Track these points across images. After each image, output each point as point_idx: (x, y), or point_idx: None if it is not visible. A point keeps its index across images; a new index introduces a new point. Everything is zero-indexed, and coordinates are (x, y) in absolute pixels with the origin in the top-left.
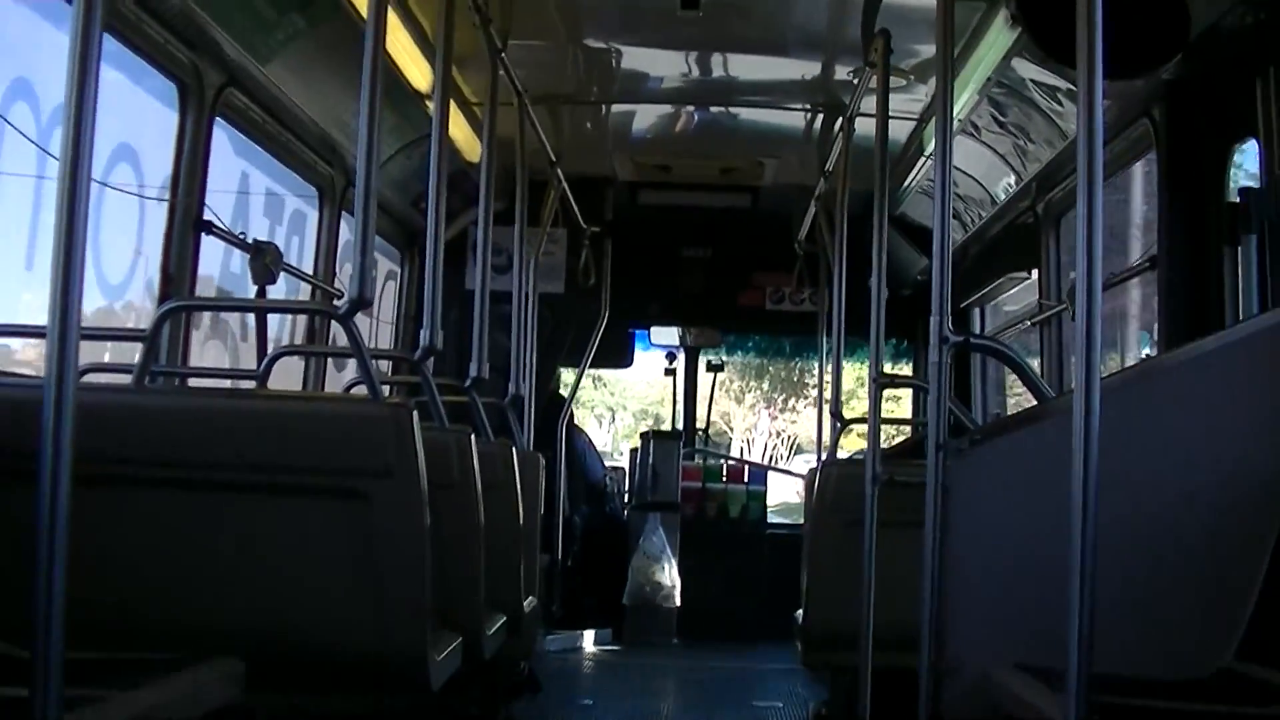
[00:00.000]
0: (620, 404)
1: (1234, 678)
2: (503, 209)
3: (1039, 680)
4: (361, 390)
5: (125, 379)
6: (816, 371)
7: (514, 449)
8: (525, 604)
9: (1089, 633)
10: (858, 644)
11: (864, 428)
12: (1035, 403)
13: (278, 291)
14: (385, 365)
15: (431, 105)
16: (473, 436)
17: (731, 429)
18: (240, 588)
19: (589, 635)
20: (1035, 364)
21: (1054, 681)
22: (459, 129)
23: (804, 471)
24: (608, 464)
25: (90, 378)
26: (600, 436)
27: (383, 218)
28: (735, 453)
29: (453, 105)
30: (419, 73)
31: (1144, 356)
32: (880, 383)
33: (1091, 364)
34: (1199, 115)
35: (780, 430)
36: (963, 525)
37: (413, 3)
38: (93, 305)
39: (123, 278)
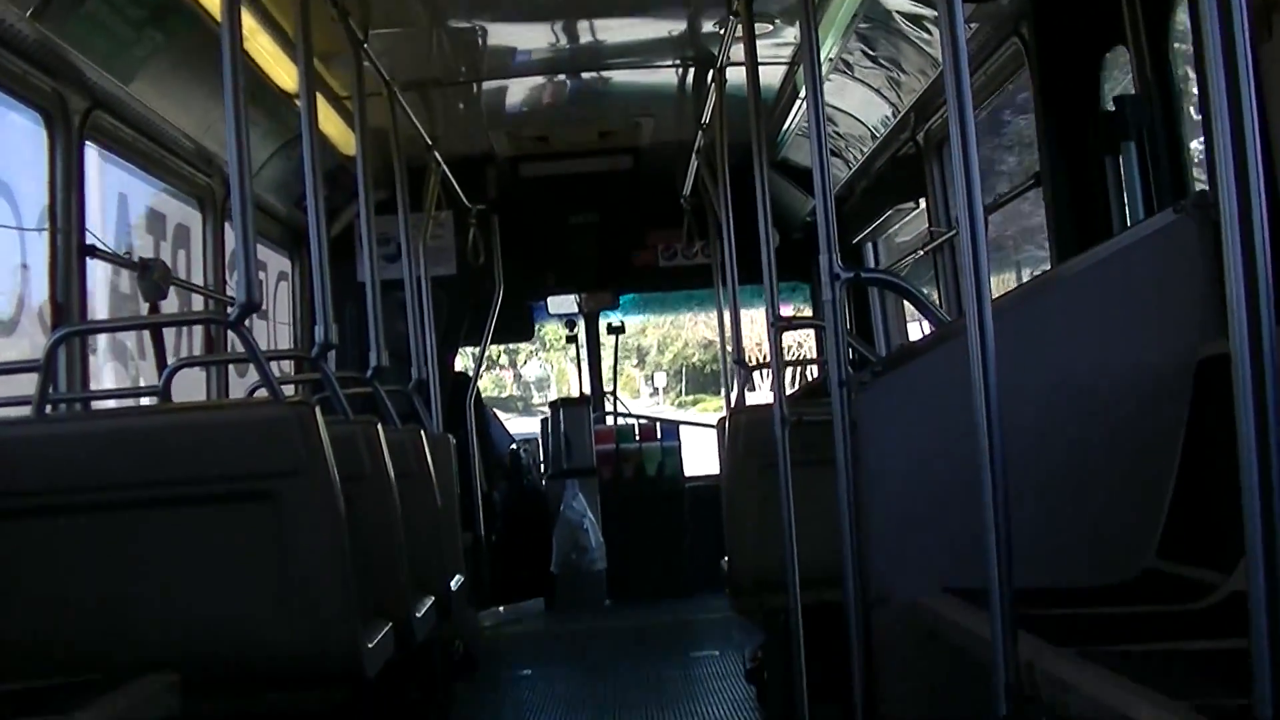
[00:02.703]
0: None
1: (1157, 577)
2: (386, 198)
3: (966, 601)
4: (264, 394)
5: (26, 411)
6: (716, 322)
7: (423, 433)
8: (453, 584)
9: (1008, 548)
10: (785, 585)
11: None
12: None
13: (171, 307)
14: (290, 367)
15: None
16: (379, 425)
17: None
18: (166, 602)
19: (521, 608)
20: (933, 294)
21: (981, 600)
22: (332, 125)
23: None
24: (527, 435)
25: None
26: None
27: (267, 220)
28: None
29: (323, 102)
30: (285, 74)
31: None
32: (778, 326)
33: (981, 284)
34: (1068, 29)
35: None
36: (875, 457)
37: (269, 4)
38: None
39: (12, 312)
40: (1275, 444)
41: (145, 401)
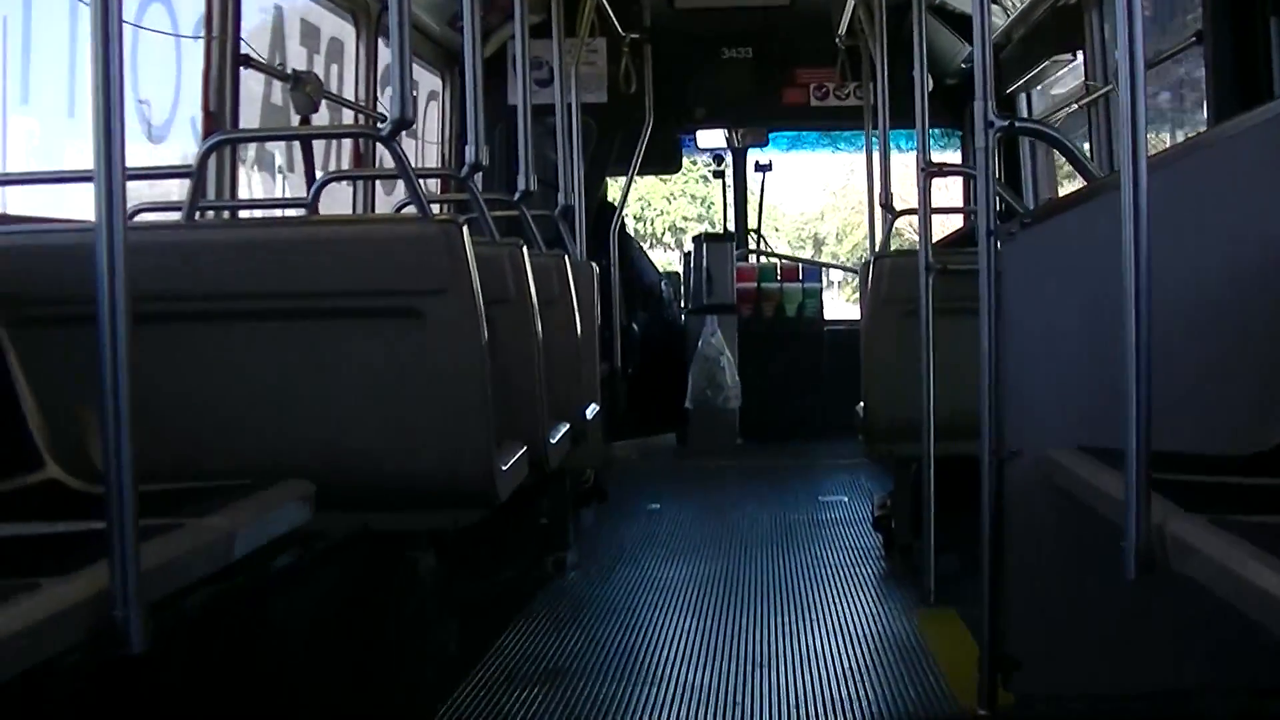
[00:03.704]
0: (771, 225)
1: None
2: (540, 22)
3: (1100, 460)
4: (411, 211)
5: (176, 217)
6: (865, 165)
7: (567, 259)
8: (588, 413)
9: (1148, 410)
10: (919, 434)
11: (916, 219)
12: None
13: (321, 123)
14: (435, 186)
15: None
16: (525, 249)
17: None
18: (304, 413)
19: (653, 442)
20: (1085, 148)
21: (1115, 461)
22: None
23: (857, 266)
24: (669, 269)
25: (141, 218)
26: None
27: (420, 39)
28: None
29: None
30: None
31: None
32: (928, 172)
33: (1138, 139)
34: None
35: None
36: (1018, 310)
37: None
38: (139, 151)
39: (165, 119)
40: None
41: (293, 213)
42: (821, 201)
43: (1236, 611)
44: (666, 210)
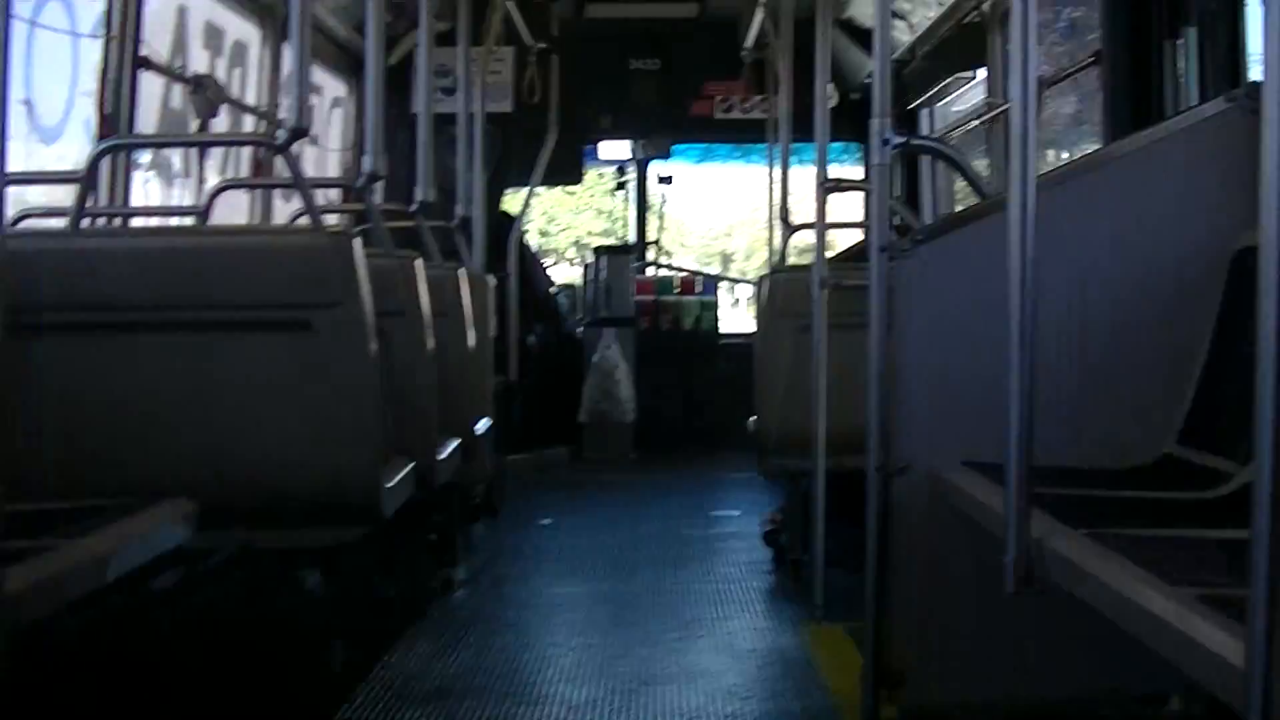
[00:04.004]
0: (678, 241)
1: (1175, 464)
2: (447, 29)
3: (985, 476)
4: (306, 221)
5: (64, 224)
6: (766, 178)
7: (462, 272)
8: (479, 427)
9: (1029, 426)
10: (811, 448)
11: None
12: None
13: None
14: (338, 197)
15: None
16: (419, 261)
17: None
18: (190, 427)
19: (547, 455)
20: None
21: (1000, 477)
22: None
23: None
24: (566, 281)
25: (26, 224)
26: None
27: (327, 44)
28: None
29: None
30: None
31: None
32: (826, 187)
33: (1027, 158)
34: None
35: None
36: (909, 326)
37: None
38: (28, 154)
39: (56, 120)
40: None
41: (185, 222)
42: (731, 217)
43: (1115, 623)
44: (572, 224)
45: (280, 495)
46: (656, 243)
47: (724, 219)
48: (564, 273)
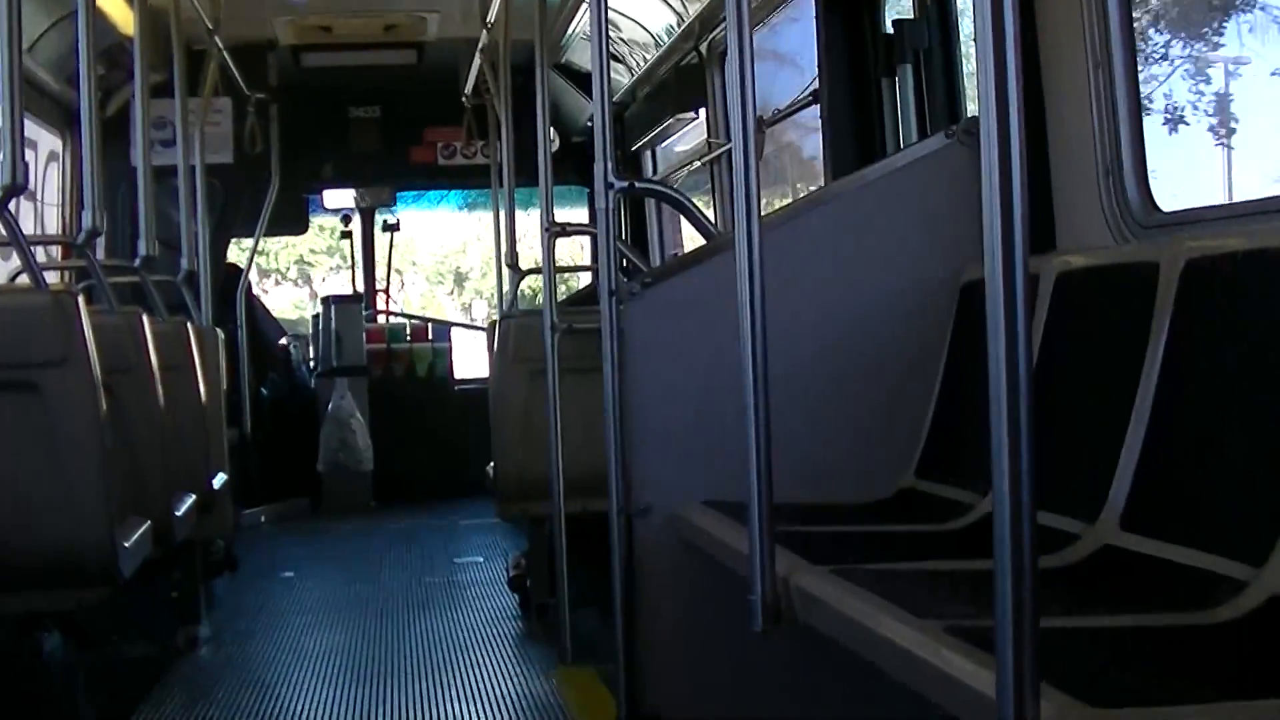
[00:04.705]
0: (409, 259)
1: (915, 496)
2: (164, 81)
3: (726, 515)
4: (26, 280)
5: None
6: (492, 224)
7: (190, 326)
8: (215, 482)
9: (768, 464)
10: (550, 493)
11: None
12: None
13: None
14: (57, 253)
15: None
16: (145, 317)
17: None
18: None
19: (285, 507)
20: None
21: (741, 515)
22: (111, 2)
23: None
24: (304, 331)
25: None
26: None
27: (39, 97)
28: None
29: None
30: None
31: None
32: (552, 232)
33: (750, 197)
34: None
35: None
36: (643, 368)
37: None
38: None
39: None
40: (1024, 371)
41: None
42: (465, 232)
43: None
44: (291, 242)
45: (14, 559)
46: (386, 290)
47: (457, 236)
48: (286, 295)
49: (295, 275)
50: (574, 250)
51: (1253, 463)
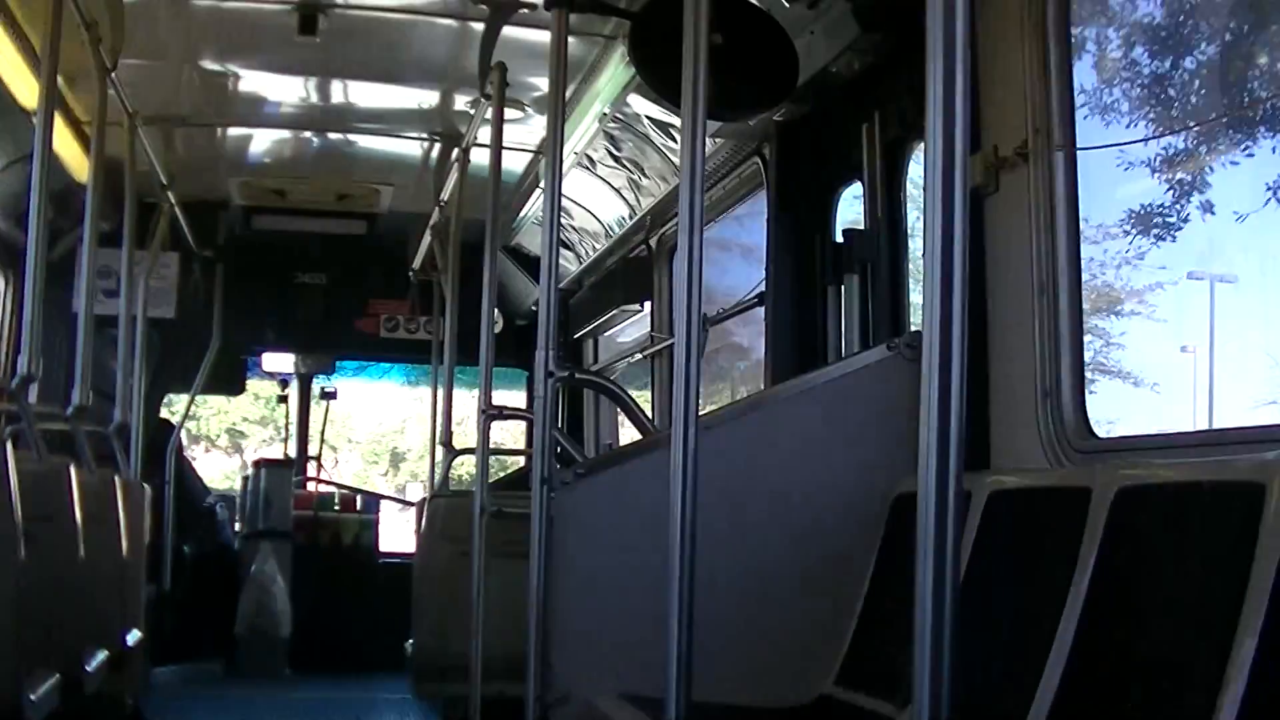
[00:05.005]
0: (344, 436)
1: (832, 704)
2: (112, 230)
3: (642, 710)
4: None
5: None
6: (430, 400)
7: (117, 479)
8: (129, 637)
9: (688, 665)
10: (468, 674)
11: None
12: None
13: None
14: None
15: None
16: (73, 467)
17: None
18: None
19: (199, 668)
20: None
21: (658, 711)
22: (67, 147)
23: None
24: (229, 491)
25: None
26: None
27: None
28: None
29: (61, 122)
30: (26, 88)
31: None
32: (488, 414)
33: (689, 397)
34: (808, 157)
35: None
36: (570, 556)
37: (21, 16)
38: None
39: None
40: (950, 587)
41: None
42: (406, 410)
43: None
44: (224, 409)
45: None
46: (318, 458)
47: (398, 412)
48: (216, 463)
49: (226, 444)
50: (517, 428)
51: (1174, 690)
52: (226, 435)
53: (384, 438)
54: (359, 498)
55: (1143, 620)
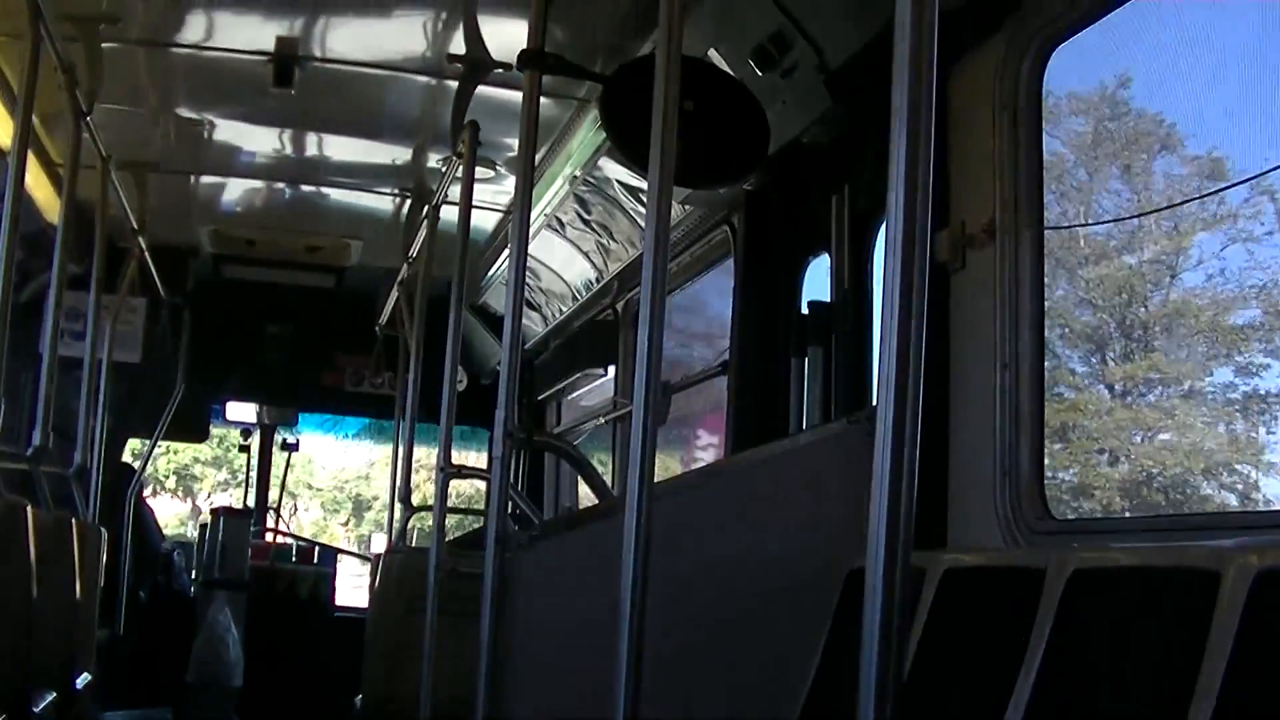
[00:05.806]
0: (304, 482)
1: None
2: (81, 273)
3: None
4: None
5: None
6: (390, 456)
7: (75, 522)
8: (79, 680)
9: None
10: None
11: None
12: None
13: None
14: None
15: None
16: (30, 509)
17: None
18: None
19: (148, 714)
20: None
21: None
22: (40, 188)
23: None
24: (182, 538)
25: None
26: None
27: None
28: None
29: (34, 163)
30: (1, 128)
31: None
32: (447, 473)
33: (646, 466)
34: (776, 227)
35: None
36: (524, 617)
37: None
38: None
39: None
40: (894, 665)
41: None
42: (372, 453)
43: None
44: (176, 449)
45: None
46: (277, 508)
47: (363, 456)
48: (165, 507)
49: (175, 486)
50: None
51: None
52: (175, 477)
53: (347, 484)
54: (316, 550)
55: (1093, 704)
